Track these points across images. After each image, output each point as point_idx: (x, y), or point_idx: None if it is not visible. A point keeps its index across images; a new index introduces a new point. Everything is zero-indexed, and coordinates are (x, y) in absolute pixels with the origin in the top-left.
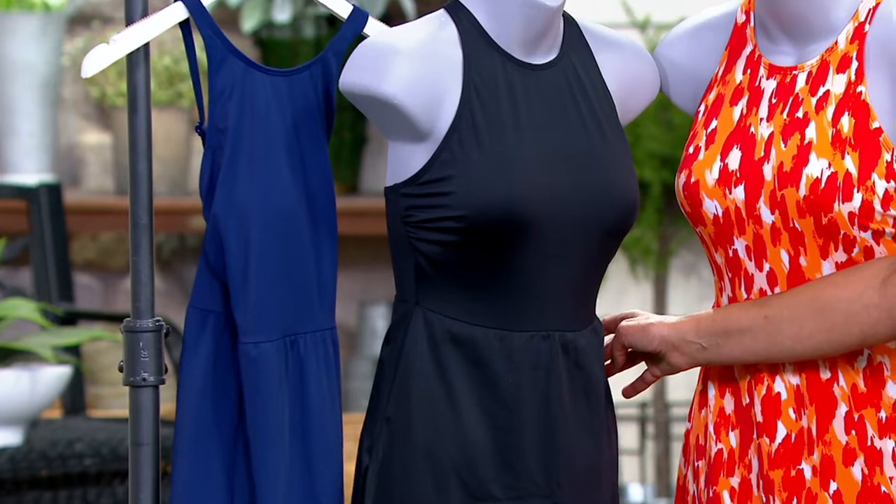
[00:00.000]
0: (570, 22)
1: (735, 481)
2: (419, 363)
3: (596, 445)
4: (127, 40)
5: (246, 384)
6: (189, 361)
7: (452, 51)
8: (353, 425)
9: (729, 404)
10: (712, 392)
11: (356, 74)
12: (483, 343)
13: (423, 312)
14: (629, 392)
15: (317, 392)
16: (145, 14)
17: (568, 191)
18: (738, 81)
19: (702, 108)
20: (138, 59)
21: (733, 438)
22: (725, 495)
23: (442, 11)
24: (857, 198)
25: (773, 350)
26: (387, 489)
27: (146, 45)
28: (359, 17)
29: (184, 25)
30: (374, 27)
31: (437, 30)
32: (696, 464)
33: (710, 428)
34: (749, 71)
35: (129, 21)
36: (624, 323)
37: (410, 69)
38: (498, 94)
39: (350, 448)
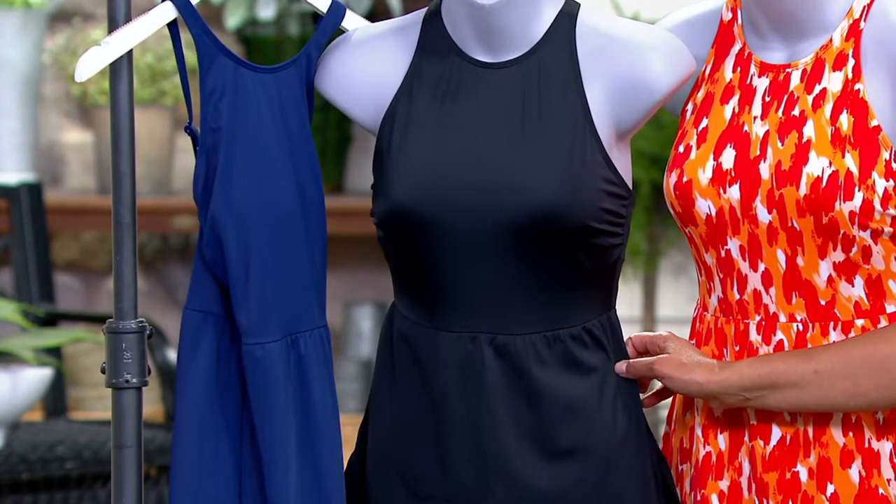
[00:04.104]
0: (568, 17)
1: (724, 484)
2: (380, 360)
3: (544, 453)
4: (119, 42)
5: (251, 386)
6: (189, 365)
7: (406, 50)
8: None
9: (718, 406)
10: None
11: (315, 74)
12: (420, 341)
13: (393, 310)
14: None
15: (319, 390)
16: (128, 11)
17: (469, 192)
18: (727, 79)
19: (689, 107)
20: (121, 58)
21: (722, 441)
22: (714, 499)
23: (419, 12)
24: (859, 197)
25: (824, 404)
26: (348, 485)
27: None
28: (337, 10)
29: (171, 25)
30: (352, 21)
31: (401, 28)
32: (679, 467)
33: (698, 431)
34: (739, 69)
35: (112, 18)
36: (660, 363)
37: (343, 65)
38: (435, 92)
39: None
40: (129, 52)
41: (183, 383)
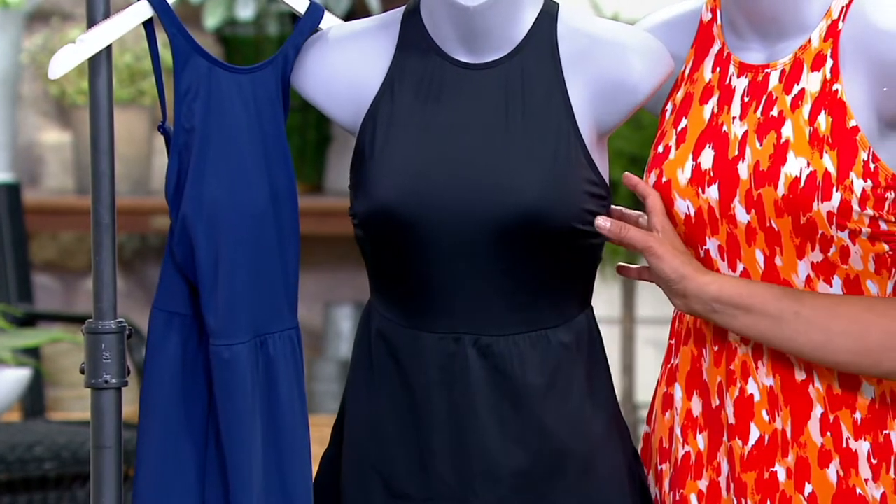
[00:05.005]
0: (548, 17)
1: (703, 484)
2: (357, 357)
3: (527, 453)
4: (94, 40)
5: (218, 387)
6: (154, 365)
7: (385, 49)
8: (318, 427)
9: (697, 406)
10: (679, 394)
11: (292, 72)
12: (400, 341)
13: (371, 308)
14: (624, 270)
15: (286, 392)
16: (107, 10)
17: (454, 193)
18: (707, 80)
19: (669, 107)
20: (100, 57)
21: (701, 441)
22: (693, 498)
23: (398, 10)
24: (836, 197)
25: (788, 345)
26: (323, 482)
27: None
28: (315, 11)
29: (147, 24)
30: (330, 22)
31: (380, 27)
32: (658, 467)
33: (677, 430)
34: (718, 69)
35: (91, 18)
36: (657, 240)
37: (321, 63)
38: (417, 92)
39: (315, 450)
40: (109, 50)
41: (148, 382)
